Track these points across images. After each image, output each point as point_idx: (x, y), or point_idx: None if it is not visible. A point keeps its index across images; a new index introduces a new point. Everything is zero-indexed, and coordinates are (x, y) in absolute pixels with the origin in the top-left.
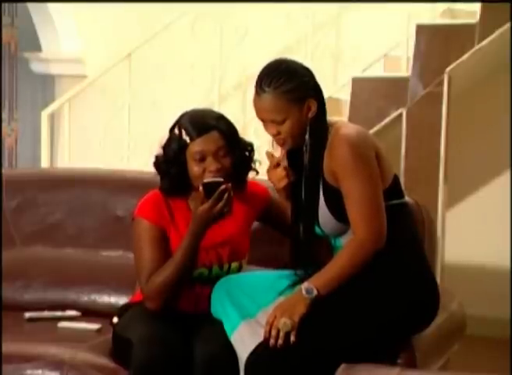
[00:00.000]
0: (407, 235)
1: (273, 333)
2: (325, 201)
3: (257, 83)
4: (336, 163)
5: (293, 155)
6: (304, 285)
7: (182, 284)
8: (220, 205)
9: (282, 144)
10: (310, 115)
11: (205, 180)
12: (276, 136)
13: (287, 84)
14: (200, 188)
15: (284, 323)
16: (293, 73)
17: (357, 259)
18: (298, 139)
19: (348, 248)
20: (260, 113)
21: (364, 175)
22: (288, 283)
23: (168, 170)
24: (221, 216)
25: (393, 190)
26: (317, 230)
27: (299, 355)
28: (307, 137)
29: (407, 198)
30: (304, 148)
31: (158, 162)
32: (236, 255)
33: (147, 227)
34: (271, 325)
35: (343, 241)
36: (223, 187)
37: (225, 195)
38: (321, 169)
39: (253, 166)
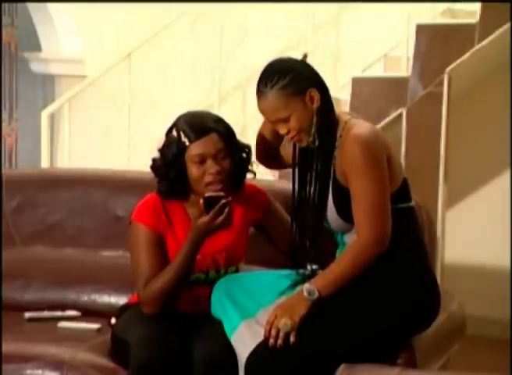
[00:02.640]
0: (411, 239)
1: (273, 332)
2: (334, 200)
3: (256, 88)
4: (347, 162)
5: (306, 154)
6: (306, 286)
7: (179, 291)
8: (220, 219)
9: (298, 141)
10: (315, 105)
11: (206, 194)
12: (288, 134)
13: (282, 80)
14: (201, 201)
15: (284, 323)
16: (286, 69)
17: (359, 261)
18: (311, 133)
19: (351, 250)
20: (265, 115)
21: (372, 176)
22: (289, 283)
23: (166, 173)
24: (220, 228)
25: (401, 193)
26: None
27: (299, 356)
28: (314, 128)
29: (413, 202)
30: (311, 138)
31: (156, 165)
32: (233, 260)
33: (144, 232)
34: (271, 324)
35: (347, 240)
36: (224, 201)
37: (226, 210)
38: (332, 164)
39: (250, 168)
